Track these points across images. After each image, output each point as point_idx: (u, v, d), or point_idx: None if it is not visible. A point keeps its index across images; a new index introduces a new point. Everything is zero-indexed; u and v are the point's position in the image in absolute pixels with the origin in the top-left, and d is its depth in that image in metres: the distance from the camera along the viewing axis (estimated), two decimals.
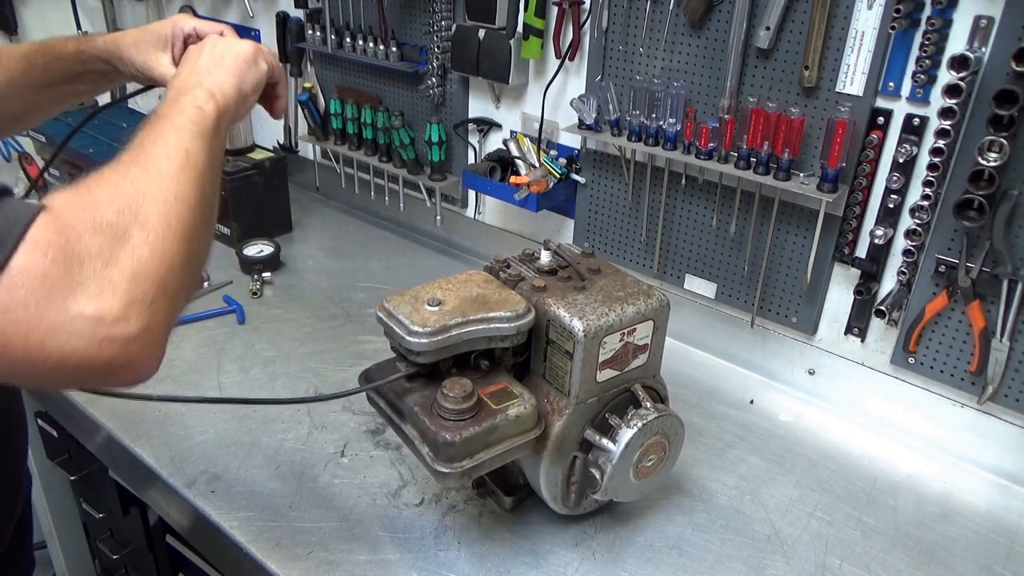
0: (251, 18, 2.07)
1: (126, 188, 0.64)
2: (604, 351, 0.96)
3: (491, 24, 1.52)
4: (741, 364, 1.49)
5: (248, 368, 1.41)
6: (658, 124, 1.36)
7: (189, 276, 0.67)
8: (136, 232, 0.61)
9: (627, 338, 0.97)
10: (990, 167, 1.06)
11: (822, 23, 1.18)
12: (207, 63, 0.90)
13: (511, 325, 0.93)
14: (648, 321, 0.98)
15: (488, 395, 0.94)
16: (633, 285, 1.02)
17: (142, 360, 0.61)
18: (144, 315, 0.59)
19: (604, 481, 0.97)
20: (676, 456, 1.05)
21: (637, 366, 1.01)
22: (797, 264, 1.36)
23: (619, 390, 1.01)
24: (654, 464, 1.02)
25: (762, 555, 1.08)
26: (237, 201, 1.79)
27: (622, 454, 0.96)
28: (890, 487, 1.22)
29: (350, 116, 1.84)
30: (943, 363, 1.26)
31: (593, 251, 1.10)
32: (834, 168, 1.20)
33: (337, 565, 1.02)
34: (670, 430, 1.01)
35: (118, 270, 0.59)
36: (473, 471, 0.91)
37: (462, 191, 1.84)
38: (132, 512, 1.46)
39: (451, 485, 1.09)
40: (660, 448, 1.01)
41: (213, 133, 0.78)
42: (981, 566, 1.08)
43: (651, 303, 0.99)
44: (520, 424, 0.94)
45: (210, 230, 0.75)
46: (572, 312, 0.95)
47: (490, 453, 0.92)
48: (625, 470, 0.98)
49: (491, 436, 0.91)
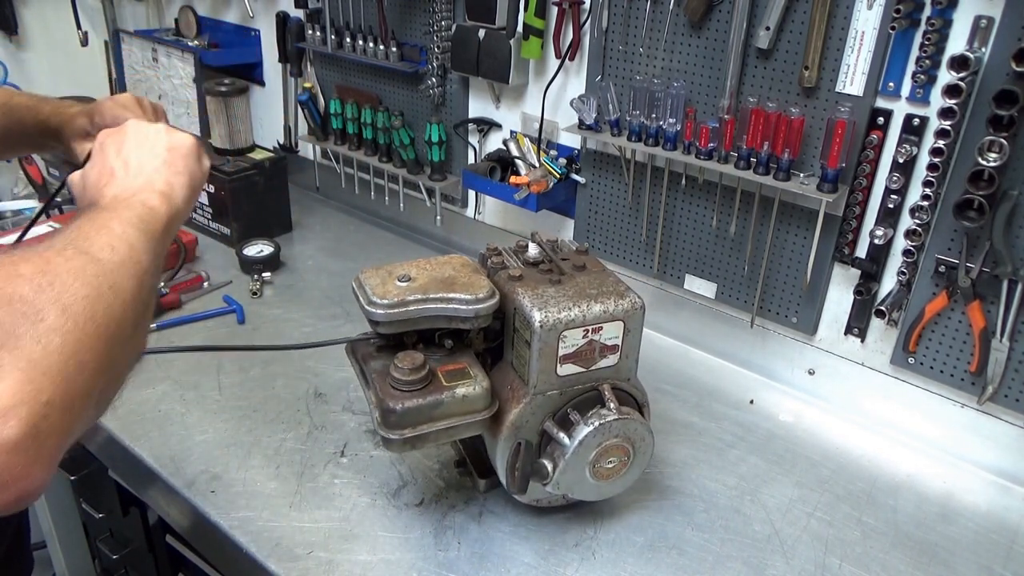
0: (251, 18, 2.07)
1: (57, 266, 0.55)
2: (564, 345, 0.96)
3: (491, 24, 1.52)
4: (741, 364, 1.49)
5: (248, 368, 1.41)
6: (658, 124, 1.36)
7: (102, 385, 0.55)
8: (53, 315, 0.51)
9: (592, 336, 0.97)
10: (990, 167, 1.06)
11: (822, 23, 1.18)
12: (145, 157, 0.80)
13: (469, 308, 0.96)
14: (617, 322, 0.97)
15: (445, 372, 0.98)
16: (611, 285, 1.01)
17: (18, 474, 0.47)
18: (33, 416, 0.47)
19: (555, 474, 0.98)
20: (643, 463, 1.03)
21: (606, 366, 1.00)
22: (797, 264, 1.36)
23: (585, 387, 1.00)
24: (616, 467, 1.01)
25: (762, 555, 1.08)
26: (237, 201, 1.80)
27: (576, 450, 0.96)
28: (890, 487, 1.22)
29: (350, 116, 1.84)
30: (943, 363, 1.26)
31: (587, 248, 1.10)
32: (834, 168, 1.20)
33: (337, 565, 1.02)
34: (634, 435, 0.99)
35: (13, 353, 0.48)
36: (415, 441, 0.95)
37: (462, 191, 1.84)
38: (132, 512, 1.46)
39: (393, 451, 1.06)
40: (622, 452, 1.00)
41: (162, 235, 0.70)
42: (981, 566, 1.08)
43: (621, 304, 0.97)
44: (467, 404, 0.96)
45: (141, 339, 0.63)
46: (535, 303, 0.96)
47: (434, 427, 0.95)
48: (580, 467, 0.98)
49: (436, 411, 0.95)
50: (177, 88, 2.18)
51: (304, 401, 1.33)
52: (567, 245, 1.12)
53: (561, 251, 1.11)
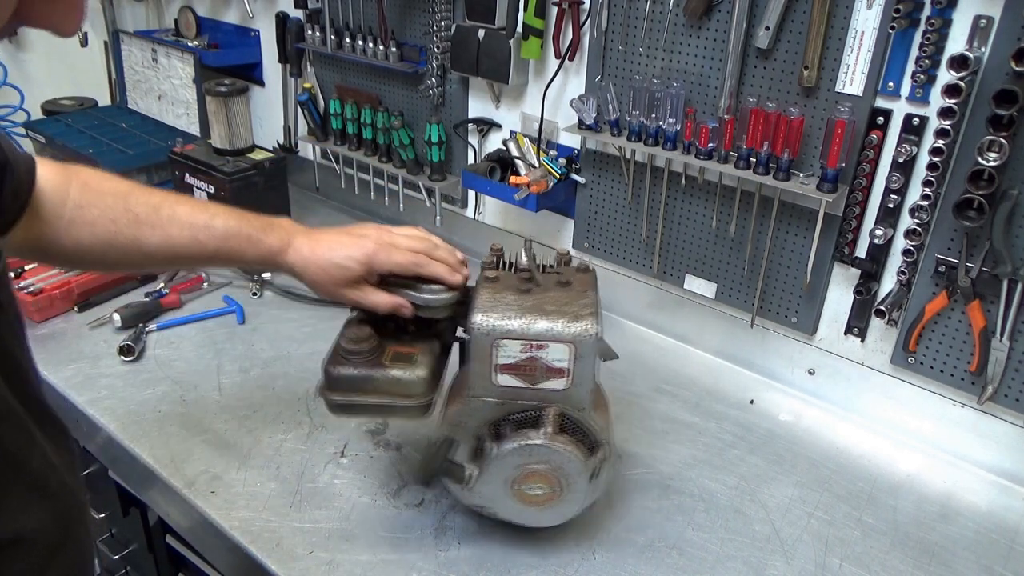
0: (251, 18, 2.07)
1: None
2: (501, 354, 0.93)
3: (491, 24, 1.52)
4: (741, 364, 1.49)
5: (248, 368, 1.41)
6: (658, 124, 1.36)
7: None
8: None
9: (535, 352, 0.93)
10: (990, 167, 1.06)
11: (822, 23, 1.18)
12: None
13: (422, 296, 0.99)
14: (564, 344, 0.92)
15: (393, 352, 1.00)
16: (577, 307, 0.95)
17: None
18: None
19: (471, 481, 0.98)
20: (579, 501, 0.99)
21: (553, 388, 0.96)
22: (797, 264, 1.36)
23: (530, 405, 0.97)
24: (543, 496, 0.99)
25: (762, 555, 1.08)
26: (237, 201, 1.79)
27: (494, 463, 0.96)
28: (890, 487, 1.22)
29: (350, 116, 1.84)
30: (943, 363, 1.26)
31: (589, 267, 1.05)
32: (834, 168, 1.20)
33: (337, 565, 1.02)
34: (566, 468, 0.96)
35: None
36: (348, 408, 0.99)
37: (462, 191, 1.84)
38: (132, 512, 1.46)
39: (332, 413, 1.05)
40: (547, 481, 0.97)
41: None
42: (981, 566, 1.08)
43: (571, 327, 0.92)
44: (399, 386, 0.97)
45: None
46: (482, 305, 0.95)
47: (367, 399, 0.98)
48: (499, 483, 0.98)
49: (367, 385, 0.98)
50: (177, 88, 2.18)
51: (304, 401, 1.33)
52: (573, 260, 1.08)
53: (560, 264, 1.07)
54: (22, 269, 1.59)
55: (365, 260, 0.98)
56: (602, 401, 1.04)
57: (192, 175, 1.81)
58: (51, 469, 0.74)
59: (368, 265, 0.98)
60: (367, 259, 0.98)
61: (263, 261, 1.02)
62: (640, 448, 1.27)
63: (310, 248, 1.00)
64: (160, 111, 2.27)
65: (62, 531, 0.75)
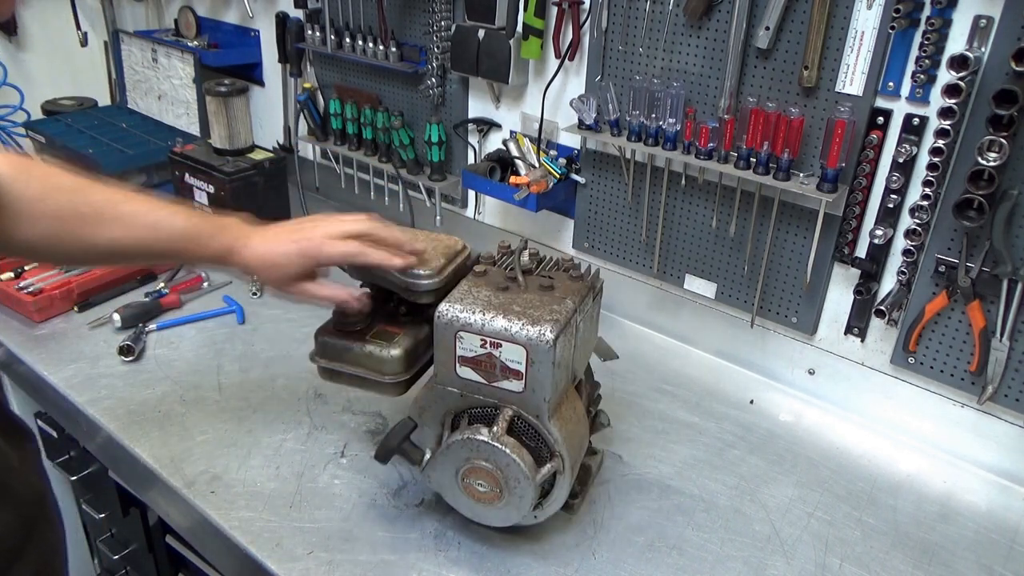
0: (251, 18, 2.07)
1: None
2: (461, 346, 0.96)
3: (491, 24, 1.52)
4: (741, 364, 1.49)
5: (248, 368, 1.41)
6: (658, 124, 1.36)
7: None
8: None
9: (491, 348, 0.94)
10: (990, 167, 1.06)
11: (822, 23, 1.18)
12: None
13: (403, 279, 1.03)
14: (517, 346, 0.93)
15: (379, 330, 1.07)
16: (545, 312, 0.95)
17: None
18: None
19: (425, 465, 1.02)
20: (521, 506, 0.98)
21: (509, 389, 0.96)
22: (797, 264, 1.36)
23: (488, 402, 0.98)
24: (488, 495, 0.99)
25: (762, 555, 1.08)
26: (237, 201, 1.79)
27: (443, 451, 0.99)
28: (890, 487, 1.22)
29: (350, 116, 1.84)
30: (943, 363, 1.26)
31: (582, 275, 1.04)
32: (834, 168, 1.20)
33: (337, 565, 1.02)
34: (507, 471, 0.96)
35: None
36: (332, 374, 1.09)
37: (462, 191, 1.84)
38: (132, 512, 1.47)
39: (320, 376, 1.11)
40: (490, 479, 0.98)
41: None
42: (981, 566, 1.08)
43: (525, 330, 0.92)
44: (373, 362, 1.05)
45: None
46: (452, 296, 0.97)
47: (343, 368, 1.07)
48: (449, 471, 1.00)
49: (345, 355, 1.06)
50: (177, 88, 2.18)
51: (304, 401, 1.33)
52: (571, 267, 1.07)
53: (557, 269, 1.08)
54: (22, 269, 1.58)
55: (302, 254, 1.00)
56: (572, 416, 1.03)
57: (192, 175, 1.81)
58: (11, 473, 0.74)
59: (307, 259, 1.00)
60: (303, 253, 1.00)
61: (215, 262, 1.03)
62: (640, 448, 1.27)
63: (262, 245, 1.02)
64: (160, 111, 2.27)
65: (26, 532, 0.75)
